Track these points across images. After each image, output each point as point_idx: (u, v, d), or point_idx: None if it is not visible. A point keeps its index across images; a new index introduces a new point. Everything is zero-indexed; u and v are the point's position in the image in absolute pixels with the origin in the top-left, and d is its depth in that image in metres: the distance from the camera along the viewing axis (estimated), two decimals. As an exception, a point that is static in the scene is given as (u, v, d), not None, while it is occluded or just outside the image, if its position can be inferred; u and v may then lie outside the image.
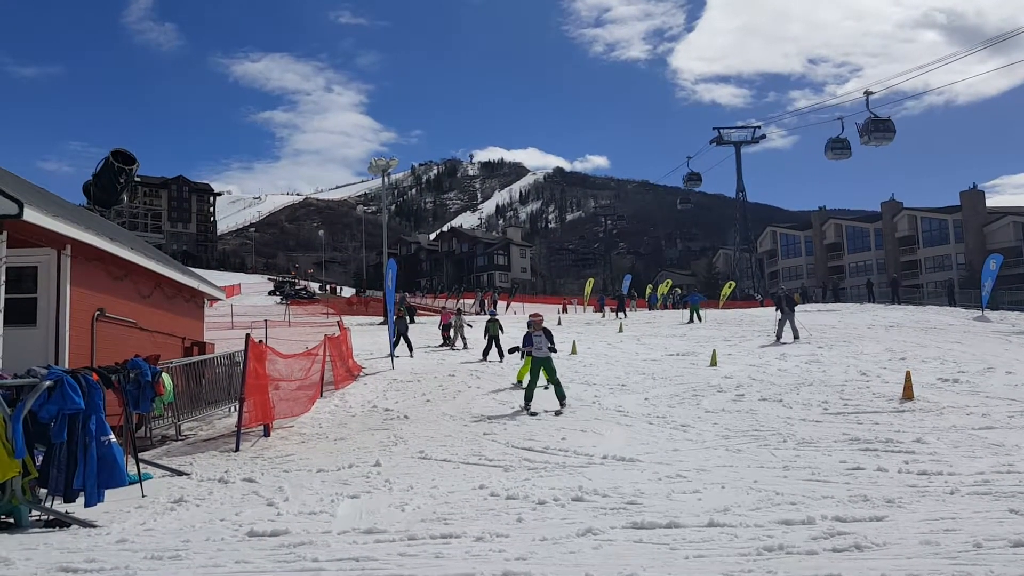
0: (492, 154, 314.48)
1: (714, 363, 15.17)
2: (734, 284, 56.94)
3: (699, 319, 27.73)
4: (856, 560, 4.27)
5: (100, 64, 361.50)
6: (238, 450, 9.11)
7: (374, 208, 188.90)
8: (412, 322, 26.58)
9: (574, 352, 17.97)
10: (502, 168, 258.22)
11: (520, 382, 12.87)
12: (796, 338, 18.41)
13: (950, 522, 5.00)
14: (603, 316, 34.03)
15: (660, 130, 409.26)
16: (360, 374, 15.83)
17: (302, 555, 4.53)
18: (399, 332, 19.30)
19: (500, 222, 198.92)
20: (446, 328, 22.65)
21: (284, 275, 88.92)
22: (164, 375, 7.75)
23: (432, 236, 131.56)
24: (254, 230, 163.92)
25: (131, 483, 6.49)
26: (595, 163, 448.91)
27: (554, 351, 11.31)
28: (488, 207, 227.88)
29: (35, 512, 5.83)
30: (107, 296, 10.63)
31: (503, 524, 5.34)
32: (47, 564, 4.41)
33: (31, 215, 8.10)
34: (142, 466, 7.32)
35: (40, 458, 5.87)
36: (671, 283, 52.98)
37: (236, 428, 9.52)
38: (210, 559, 4.51)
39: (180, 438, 10.24)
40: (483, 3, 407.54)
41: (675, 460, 7.60)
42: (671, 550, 4.57)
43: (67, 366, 8.30)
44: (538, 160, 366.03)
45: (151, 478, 7.53)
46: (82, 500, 5.80)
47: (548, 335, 11.35)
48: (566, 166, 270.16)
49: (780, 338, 18.73)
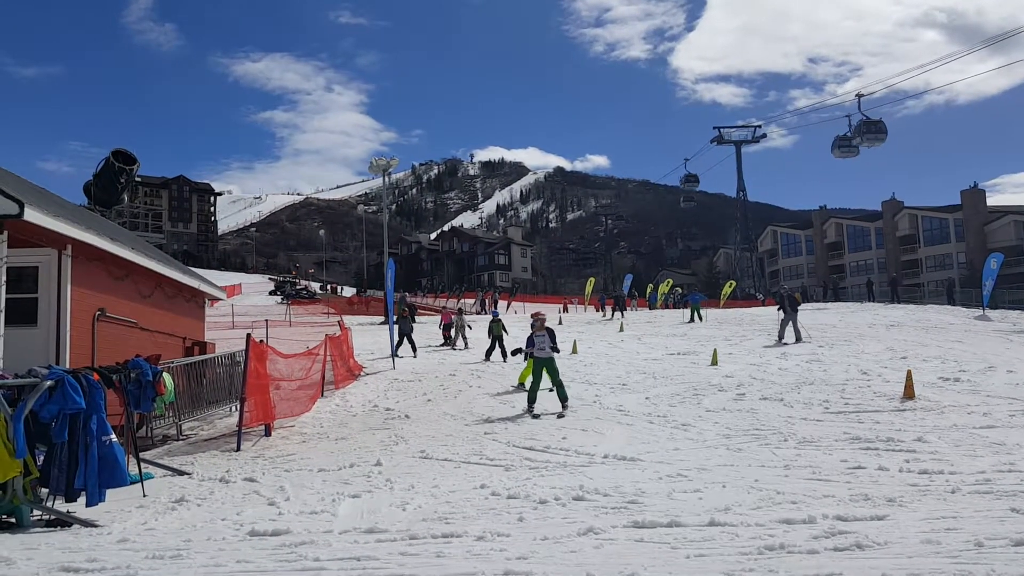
0: (493, 154, 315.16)
1: (715, 362, 15.17)
2: (735, 283, 56.91)
3: (700, 318, 27.75)
4: (857, 559, 4.27)
5: (100, 64, 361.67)
6: (239, 450, 9.12)
7: (375, 208, 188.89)
8: (414, 321, 26.56)
9: (575, 351, 17.98)
10: (503, 168, 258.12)
11: (522, 384, 12.71)
12: (798, 339, 18.38)
13: (951, 521, 5.00)
14: (604, 316, 34.06)
15: (661, 130, 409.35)
16: (361, 374, 15.84)
17: (303, 554, 4.53)
18: (403, 332, 19.29)
19: (501, 222, 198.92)
20: (447, 328, 22.66)
21: (285, 275, 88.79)
22: (165, 375, 7.76)
23: (433, 236, 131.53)
24: (255, 230, 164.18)
25: (132, 483, 6.49)
26: (595, 163, 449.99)
27: (556, 351, 11.19)
28: (489, 207, 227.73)
29: (36, 512, 5.83)
30: (108, 296, 10.63)
31: (504, 523, 5.34)
32: (49, 564, 4.41)
33: (32, 215, 8.12)
34: (143, 466, 7.33)
35: (41, 458, 5.88)
36: (672, 282, 52.99)
37: (237, 428, 9.53)
38: (211, 559, 4.51)
39: (181, 438, 10.25)
40: (483, 3, 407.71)
41: (676, 459, 7.60)
42: (672, 549, 4.57)
43: (68, 366, 8.31)
44: (539, 160, 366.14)
45: (152, 478, 7.54)
46: (83, 500, 5.81)
47: (551, 335, 11.18)
48: (567, 166, 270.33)
49: (782, 338, 18.70)
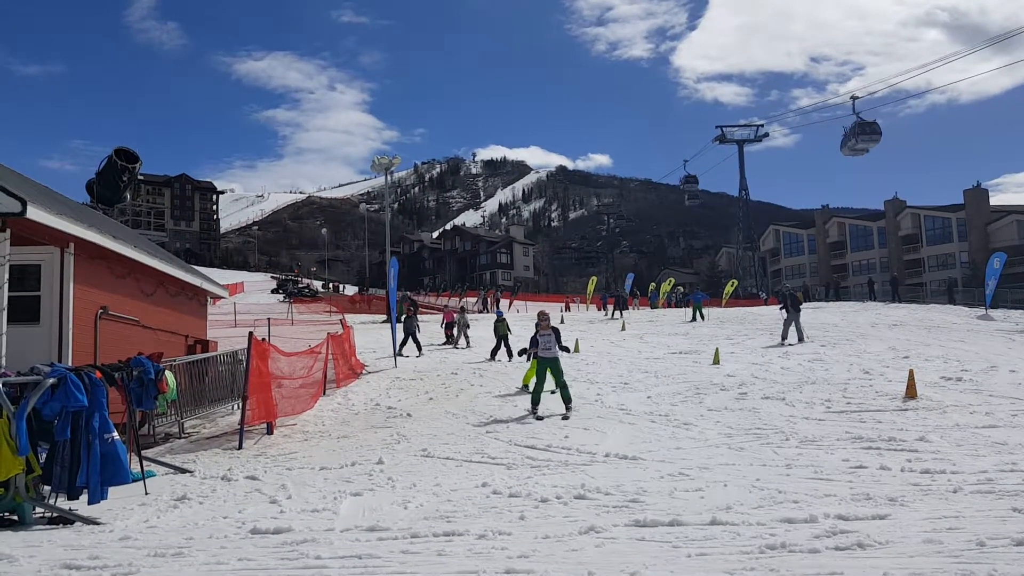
0: (495, 152, 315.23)
1: (717, 361, 15.16)
2: (737, 282, 56.85)
3: (702, 317, 27.72)
4: (859, 559, 4.27)
5: (103, 63, 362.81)
6: (241, 448, 9.14)
7: (377, 206, 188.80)
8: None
9: (577, 350, 17.97)
10: (505, 166, 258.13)
11: (526, 386, 12.39)
12: (801, 340, 18.35)
13: (953, 521, 5.00)
14: (606, 315, 34.09)
15: (663, 129, 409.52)
16: (363, 372, 15.84)
17: (305, 552, 4.53)
18: (408, 331, 19.28)
19: (503, 220, 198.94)
20: (449, 326, 22.67)
21: (287, 273, 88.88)
22: (167, 373, 7.78)
23: (435, 234, 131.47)
24: (257, 228, 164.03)
25: (134, 480, 6.51)
26: (598, 161, 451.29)
27: (567, 350, 10.86)
28: (491, 205, 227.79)
29: (39, 509, 5.85)
30: (110, 294, 10.65)
31: (505, 522, 5.35)
32: (51, 561, 4.42)
33: (34, 213, 8.13)
34: (145, 463, 7.35)
35: (44, 455, 5.89)
36: (674, 281, 52.97)
37: (239, 426, 9.54)
38: (213, 556, 4.52)
39: (183, 436, 10.26)
40: (485, 2, 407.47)
41: (678, 458, 7.60)
42: (674, 548, 4.57)
43: (70, 364, 8.32)
44: (541, 158, 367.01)
45: (154, 475, 7.55)
46: (85, 497, 5.82)
47: (556, 335, 10.91)
48: (569, 164, 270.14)
49: (786, 339, 18.67)
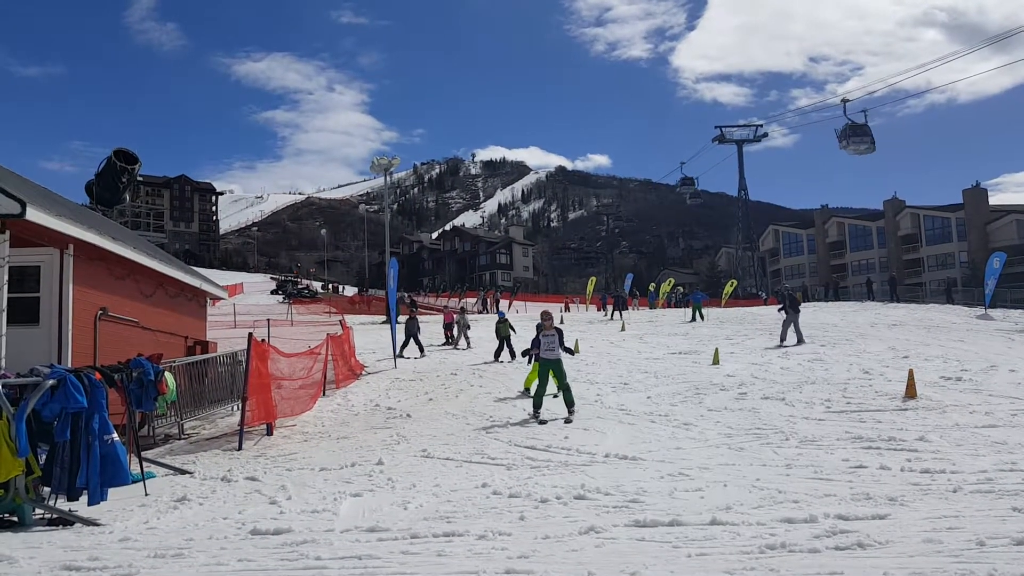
0: (494, 153, 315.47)
1: (716, 361, 15.16)
2: (736, 282, 56.89)
3: (701, 317, 27.74)
4: (859, 558, 4.27)
5: (102, 64, 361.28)
6: (241, 449, 9.13)
7: (376, 207, 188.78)
8: None
9: (576, 351, 17.96)
10: (504, 167, 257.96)
11: (528, 390, 12.19)
12: (800, 341, 18.33)
13: (953, 520, 4.99)
14: (606, 315, 34.12)
15: (662, 129, 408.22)
16: (363, 373, 15.84)
17: (305, 553, 4.53)
18: (410, 332, 19.27)
19: (502, 221, 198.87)
20: (449, 327, 22.67)
21: (286, 274, 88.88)
22: (167, 374, 7.78)
23: (434, 235, 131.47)
24: (256, 229, 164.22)
25: (134, 482, 6.51)
26: (597, 162, 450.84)
27: (570, 352, 10.63)
28: (490, 206, 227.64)
29: (39, 510, 5.85)
30: (110, 295, 10.65)
31: (505, 522, 5.35)
32: (51, 562, 4.42)
33: (34, 215, 8.13)
34: (145, 465, 7.34)
35: (43, 457, 5.89)
36: (673, 281, 53.00)
37: (239, 427, 9.54)
38: (213, 557, 4.52)
39: (183, 437, 10.26)
40: (484, 2, 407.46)
41: (678, 458, 7.60)
42: (674, 548, 4.57)
43: (70, 365, 8.33)
44: (540, 159, 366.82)
45: (154, 477, 7.54)
46: (85, 499, 5.82)
47: (560, 335, 10.60)
48: (568, 165, 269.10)
49: (784, 340, 18.66)
